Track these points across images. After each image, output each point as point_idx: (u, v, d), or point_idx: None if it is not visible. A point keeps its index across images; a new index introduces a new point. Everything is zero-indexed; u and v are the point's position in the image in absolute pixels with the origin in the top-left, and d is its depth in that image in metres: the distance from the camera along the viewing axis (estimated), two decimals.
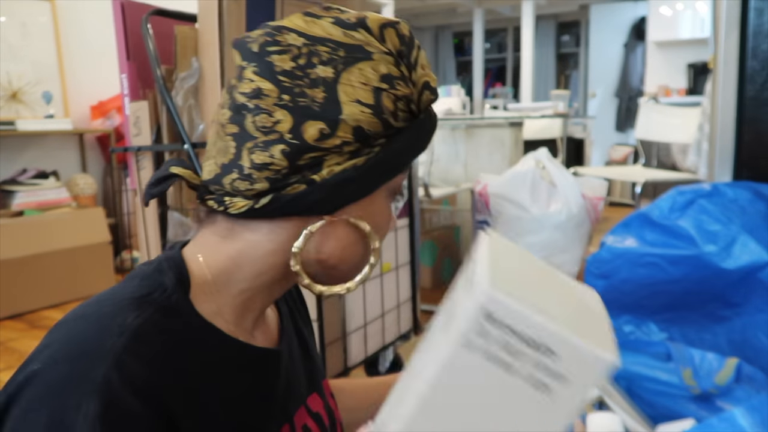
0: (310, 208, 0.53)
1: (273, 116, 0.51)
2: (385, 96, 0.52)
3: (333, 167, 0.52)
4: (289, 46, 0.52)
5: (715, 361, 1.07)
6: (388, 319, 1.83)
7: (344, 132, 0.51)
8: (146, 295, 0.51)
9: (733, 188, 1.32)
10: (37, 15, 3.49)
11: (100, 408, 0.42)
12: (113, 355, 0.44)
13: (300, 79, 0.51)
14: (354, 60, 0.51)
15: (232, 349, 0.55)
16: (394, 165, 0.55)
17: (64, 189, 3.42)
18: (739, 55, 1.43)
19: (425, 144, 0.58)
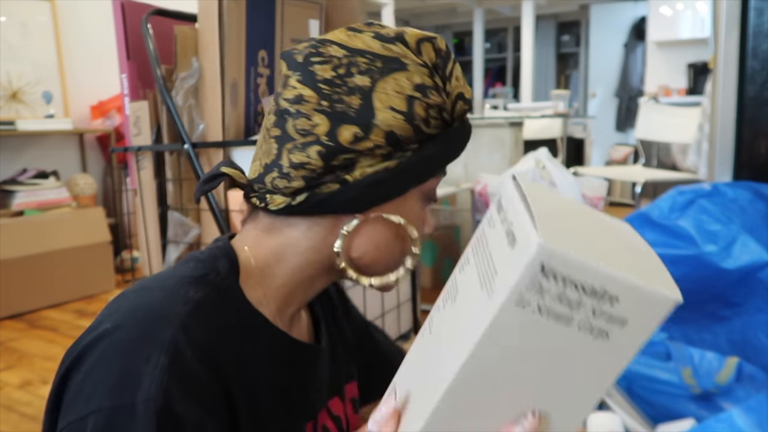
0: (343, 207, 0.56)
1: (312, 120, 0.55)
2: (417, 104, 0.55)
3: (365, 169, 0.56)
4: (330, 57, 0.56)
5: (716, 361, 1.07)
6: (388, 319, 1.83)
7: (377, 136, 0.55)
8: (203, 275, 0.55)
9: (733, 188, 1.32)
10: (37, 15, 3.49)
11: (167, 362, 0.46)
12: (179, 320, 0.49)
13: (339, 87, 0.55)
14: (390, 70, 0.55)
15: (277, 338, 0.58)
16: (425, 169, 0.58)
17: (64, 189, 3.42)
18: (739, 55, 1.43)
19: (458, 151, 0.61)
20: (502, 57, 9.36)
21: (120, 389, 0.45)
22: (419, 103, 0.55)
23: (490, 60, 9.16)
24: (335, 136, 0.54)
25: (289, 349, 0.60)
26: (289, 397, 0.59)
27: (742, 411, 0.70)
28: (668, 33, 6.07)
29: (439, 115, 0.57)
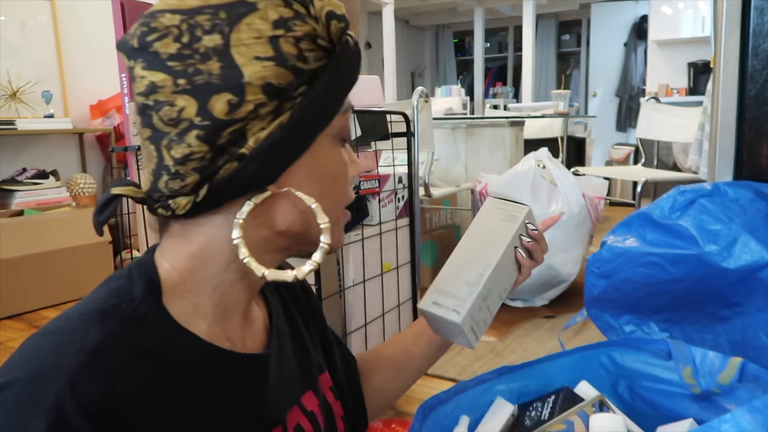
0: (250, 184, 0.50)
1: (175, 105, 0.48)
2: (282, 42, 0.48)
3: (258, 134, 0.49)
4: (167, 28, 0.48)
5: (718, 360, 1.06)
6: (388, 319, 1.83)
7: (253, 94, 0.48)
8: (113, 306, 0.49)
9: (734, 188, 1.32)
10: (37, 14, 3.49)
11: (45, 428, 0.41)
12: (67, 375, 0.43)
13: (190, 57, 0.48)
14: (238, 17, 0.48)
15: (211, 355, 0.53)
16: (323, 109, 0.52)
17: (64, 188, 3.42)
18: (740, 54, 1.43)
19: (352, 76, 0.54)
20: (502, 56, 9.36)
21: None
22: (284, 40, 0.48)
23: (491, 59, 9.16)
24: (208, 112, 0.48)
25: (228, 363, 0.54)
26: (231, 414, 0.54)
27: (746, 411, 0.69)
28: (669, 32, 6.07)
29: (314, 44, 0.50)
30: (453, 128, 3.50)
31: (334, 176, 0.55)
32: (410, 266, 1.94)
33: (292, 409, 0.61)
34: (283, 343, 0.64)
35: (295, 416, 0.62)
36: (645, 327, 1.39)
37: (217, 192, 0.50)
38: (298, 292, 0.74)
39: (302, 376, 0.66)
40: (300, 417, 0.62)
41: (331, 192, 0.56)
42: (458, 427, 0.96)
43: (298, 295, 0.73)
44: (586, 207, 2.74)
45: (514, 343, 2.33)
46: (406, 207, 1.92)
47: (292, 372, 0.64)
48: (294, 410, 0.62)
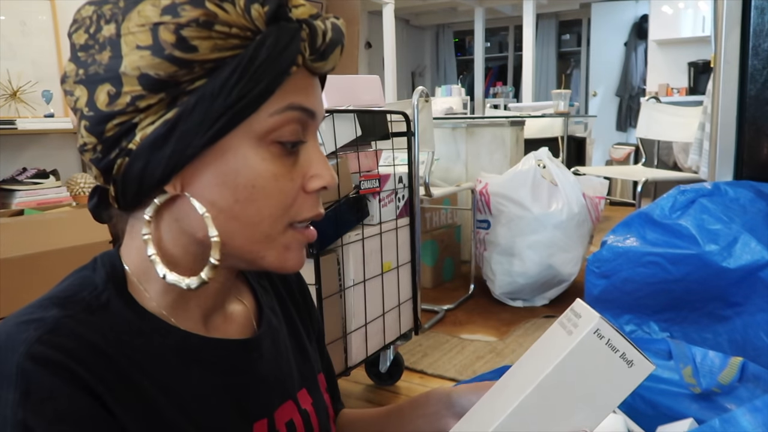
0: (141, 182, 0.47)
1: (74, 95, 0.47)
2: (162, 29, 0.44)
3: (146, 129, 0.46)
4: (83, 19, 0.47)
5: (718, 360, 1.06)
6: (388, 319, 1.83)
7: (130, 86, 0.45)
8: (73, 294, 0.49)
9: (734, 187, 1.32)
10: (37, 13, 3.49)
11: (18, 395, 0.40)
12: (25, 345, 0.42)
13: (92, 48, 0.46)
14: (133, 4, 0.45)
15: (180, 340, 0.51)
16: (223, 105, 0.45)
17: (64, 188, 3.42)
18: (741, 54, 1.43)
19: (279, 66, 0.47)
20: (502, 56, 9.35)
21: None
22: (165, 27, 0.44)
23: (491, 59, 9.15)
24: (93, 102, 0.46)
25: (199, 349, 0.53)
26: (204, 400, 0.52)
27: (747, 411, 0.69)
28: (669, 32, 6.07)
29: (211, 31, 0.44)
30: (453, 128, 3.50)
31: (252, 185, 0.48)
32: (410, 266, 1.94)
33: (284, 404, 0.60)
34: (276, 337, 0.62)
35: (288, 412, 0.60)
36: (645, 326, 1.39)
37: (121, 188, 0.48)
38: (295, 290, 0.72)
39: (299, 373, 0.64)
40: (294, 413, 0.60)
41: (250, 202, 0.48)
42: None
43: (295, 294, 0.71)
44: (586, 207, 2.74)
45: (514, 343, 2.33)
46: (407, 207, 1.92)
47: (286, 366, 0.62)
48: (287, 405, 0.60)
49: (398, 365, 1.99)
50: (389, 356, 1.95)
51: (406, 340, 1.96)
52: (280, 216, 0.50)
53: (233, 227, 0.49)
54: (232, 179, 0.48)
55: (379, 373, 1.98)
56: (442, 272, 3.22)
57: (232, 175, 0.48)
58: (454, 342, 2.37)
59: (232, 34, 0.45)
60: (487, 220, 2.83)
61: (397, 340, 1.91)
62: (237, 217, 0.49)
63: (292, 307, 0.70)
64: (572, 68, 8.80)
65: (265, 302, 0.64)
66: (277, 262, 0.52)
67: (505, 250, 2.74)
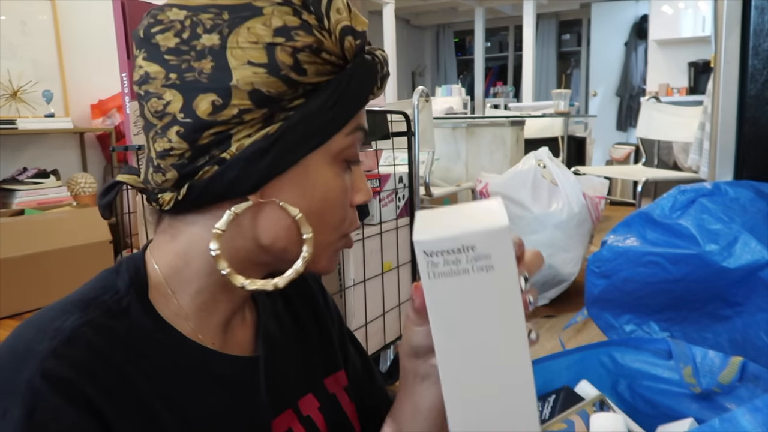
0: (229, 190, 0.49)
1: (163, 98, 0.48)
2: (279, 50, 0.46)
3: (243, 141, 0.48)
4: (171, 22, 0.48)
5: (718, 360, 1.06)
6: (388, 319, 1.83)
7: (239, 99, 0.46)
8: (95, 297, 0.49)
9: (734, 187, 1.32)
10: (37, 13, 3.49)
11: (23, 413, 0.41)
12: (40, 359, 0.43)
13: (186, 53, 0.47)
14: (241, 20, 0.47)
15: (194, 354, 0.52)
16: (319, 125, 0.49)
17: (65, 188, 3.42)
18: (741, 54, 1.43)
19: (362, 95, 0.52)
20: (503, 56, 9.36)
21: None
22: (281, 48, 0.46)
23: (491, 59, 9.16)
24: (192, 110, 0.47)
25: (210, 363, 0.53)
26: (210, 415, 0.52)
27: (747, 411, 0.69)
28: (669, 32, 6.07)
29: (318, 57, 0.48)
30: (453, 128, 3.50)
31: (325, 197, 0.52)
32: (411, 266, 1.94)
33: (282, 414, 0.60)
34: (273, 346, 0.62)
35: (286, 421, 0.60)
36: (645, 326, 1.39)
37: (197, 193, 0.49)
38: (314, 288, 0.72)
39: (302, 378, 0.64)
40: (293, 422, 0.60)
41: (321, 213, 0.52)
42: None
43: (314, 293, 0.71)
44: (586, 206, 2.74)
45: None
46: (407, 206, 1.92)
47: (285, 376, 0.62)
48: (285, 415, 0.60)
49: (398, 365, 1.99)
50: (389, 356, 1.95)
51: None
52: (339, 226, 0.55)
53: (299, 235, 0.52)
54: (310, 191, 0.51)
55: (380, 372, 1.98)
56: None
57: (311, 187, 0.51)
58: None
59: (330, 61, 0.49)
60: None
61: (398, 339, 1.91)
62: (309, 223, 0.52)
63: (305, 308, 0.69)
64: (572, 68, 8.80)
65: (266, 309, 0.64)
66: (324, 267, 0.56)
67: None
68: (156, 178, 0.50)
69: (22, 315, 2.90)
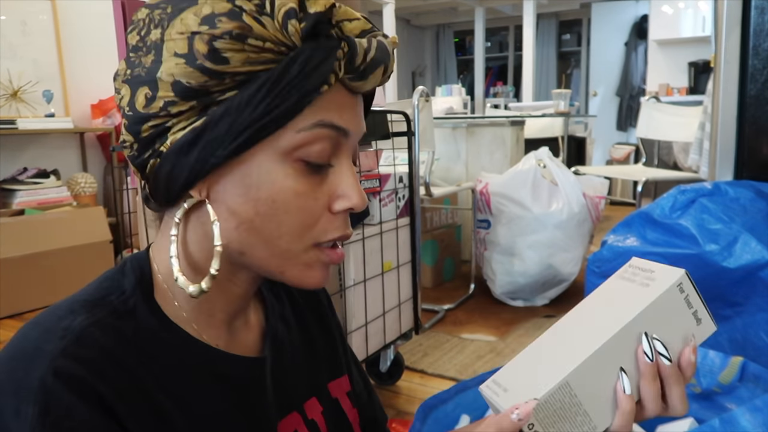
0: (169, 184, 0.48)
1: (120, 93, 0.49)
2: (197, 39, 0.44)
3: (177, 134, 0.47)
4: (138, 21, 0.49)
5: (718, 360, 1.06)
6: (389, 318, 1.83)
7: (164, 91, 0.46)
8: (101, 298, 0.49)
9: (734, 187, 1.32)
10: (38, 13, 3.49)
11: (37, 411, 0.41)
12: (51, 359, 0.43)
13: (140, 50, 0.47)
14: (178, 11, 0.46)
15: (199, 353, 0.52)
16: (250, 119, 0.46)
17: (65, 188, 3.42)
18: (741, 54, 1.43)
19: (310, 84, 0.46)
20: (503, 56, 9.35)
21: None
22: (200, 37, 0.44)
23: (491, 59, 9.15)
24: (133, 103, 0.47)
25: (216, 363, 0.53)
26: (217, 415, 0.52)
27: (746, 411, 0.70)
28: (669, 32, 6.07)
29: (243, 44, 0.44)
30: (453, 128, 3.50)
31: (272, 199, 0.48)
32: (411, 266, 1.94)
33: (288, 416, 0.59)
34: (280, 348, 0.61)
35: (292, 424, 0.59)
36: None
37: (153, 186, 0.49)
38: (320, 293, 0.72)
39: (307, 381, 0.64)
40: (299, 425, 0.60)
41: (271, 217, 0.48)
42: (459, 426, 0.96)
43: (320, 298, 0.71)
44: (586, 206, 2.74)
45: (514, 342, 2.33)
46: (407, 206, 1.92)
47: (293, 378, 0.62)
48: (291, 417, 0.60)
49: (399, 365, 1.99)
50: (390, 356, 1.95)
51: (406, 340, 1.96)
52: (301, 234, 0.50)
53: (254, 239, 0.49)
54: (254, 192, 0.48)
55: (380, 372, 1.98)
56: (442, 272, 3.22)
57: (254, 188, 0.48)
58: (454, 342, 2.38)
59: (265, 48, 0.45)
60: (487, 220, 2.83)
61: (398, 339, 1.91)
62: (257, 229, 0.49)
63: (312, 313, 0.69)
64: (572, 68, 8.80)
65: (274, 311, 0.64)
66: (297, 279, 0.52)
67: (505, 250, 2.74)
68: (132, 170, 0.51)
69: (22, 315, 2.90)
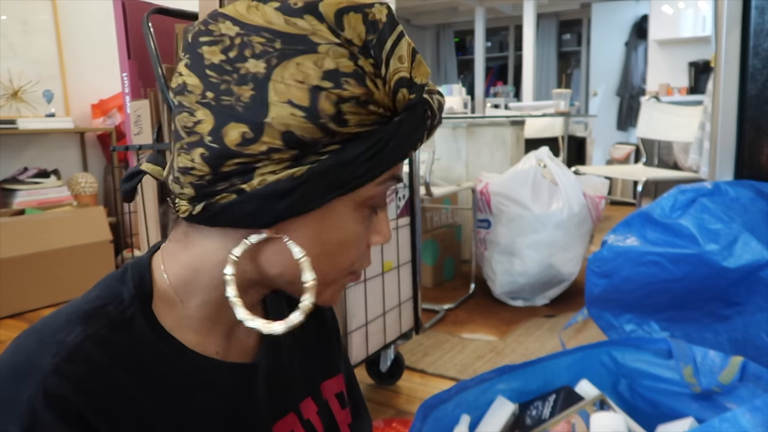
0: (243, 221, 0.47)
1: (194, 115, 0.46)
2: (323, 97, 0.44)
3: (266, 176, 0.45)
4: (221, 36, 0.45)
5: (719, 359, 1.06)
6: (389, 318, 1.83)
7: (270, 137, 0.44)
8: (100, 307, 0.49)
9: (734, 187, 1.32)
10: (38, 13, 3.49)
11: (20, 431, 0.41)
12: (41, 377, 0.43)
13: (228, 74, 0.45)
14: (293, 53, 0.44)
15: (194, 364, 0.52)
16: (351, 175, 0.46)
17: (65, 188, 3.42)
18: (741, 54, 1.43)
19: (404, 148, 0.48)
20: (503, 56, 9.35)
21: None
22: (326, 95, 0.43)
23: (492, 59, 9.15)
24: (220, 136, 0.44)
25: (211, 373, 0.53)
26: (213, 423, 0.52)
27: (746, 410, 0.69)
28: (670, 31, 6.07)
29: (363, 108, 0.45)
30: (454, 127, 3.50)
31: (341, 242, 0.50)
32: (411, 265, 1.94)
33: (284, 418, 0.60)
34: (277, 351, 0.62)
35: (289, 425, 0.60)
36: (646, 326, 1.39)
37: (211, 214, 0.48)
38: None
39: (303, 382, 0.64)
40: (295, 425, 0.61)
41: (333, 255, 0.51)
42: (459, 426, 0.96)
43: None
44: (586, 206, 2.74)
45: (514, 342, 2.33)
46: (407, 206, 1.92)
47: (288, 380, 0.62)
48: (287, 418, 0.60)
49: (399, 364, 1.99)
50: (390, 355, 1.95)
51: (406, 340, 1.96)
52: (350, 266, 0.53)
53: None
54: (326, 235, 0.49)
55: (380, 372, 1.98)
56: (442, 272, 3.22)
57: (327, 231, 0.49)
58: (454, 341, 2.38)
59: (376, 112, 0.46)
60: (487, 220, 2.84)
61: (398, 339, 1.91)
62: (316, 264, 0.50)
63: None
64: (573, 68, 8.80)
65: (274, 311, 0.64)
66: (328, 302, 0.55)
67: (505, 250, 2.74)
68: (174, 188, 0.49)
69: (22, 315, 2.90)
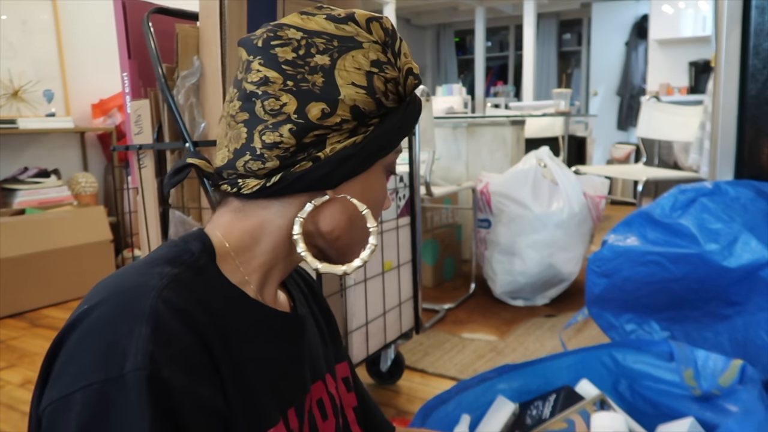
0: (315, 184, 0.59)
1: (280, 100, 0.58)
2: (376, 78, 0.59)
3: (335, 145, 0.59)
4: (289, 39, 0.59)
5: (719, 362, 1.06)
6: (389, 318, 1.83)
7: (343, 111, 0.58)
8: (176, 256, 0.57)
9: (734, 187, 1.32)
10: (39, 13, 3.49)
11: (149, 330, 0.47)
12: (158, 290, 0.50)
13: (301, 67, 0.58)
14: (347, 48, 0.59)
15: (260, 312, 0.60)
16: (387, 142, 0.62)
17: (66, 187, 3.42)
18: (741, 54, 1.43)
19: (413, 124, 0.65)
20: (503, 55, 9.35)
21: (106, 363, 0.46)
22: (377, 77, 0.59)
23: (492, 58, 9.15)
24: (305, 113, 0.57)
25: (276, 322, 0.62)
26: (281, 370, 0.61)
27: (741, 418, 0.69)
28: (670, 31, 6.07)
29: (395, 89, 0.61)
30: (454, 127, 3.50)
31: (376, 199, 0.64)
32: (411, 265, 1.94)
33: (316, 384, 0.68)
34: (308, 321, 0.70)
35: (319, 391, 0.69)
36: (646, 326, 1.39)
37: (287, 183, 0.59)
38: (316, 288, 0.80)
39: (324, 359, 0.73)
40: (323, 393, 0.69)
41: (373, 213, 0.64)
42: (459, 425, 0.96)
43: (315, 290, 0.80)
44: (587, 206, 2.74)
45: (515, 342, 2.33)
46: (408, 206, 1.92)
47: (317, 351, 0.71)
48: (318, 385, 0.69)
49: (399, 364, 1.99)
50: (390, 355, 1.95)
51: (407, 339, 1.96)
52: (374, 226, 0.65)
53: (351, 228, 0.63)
54: (368, 194, 0.63)
55: (380, 372, 1.98)
56: (442, 271, 3.22)
57: (368, 191, 0.63)
58: (454, 341, 2.38)
59: (399, 93, 0.62)
60: (487, 220, 2.83)
61: (398, 339, 1.91)
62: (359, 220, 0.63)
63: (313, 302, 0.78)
64: (573, 67, 8.79)
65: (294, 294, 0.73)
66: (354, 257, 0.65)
67: (505, 250, 2.74)
68: (252, 166, 0.59)
69: (22, 315, 2.90)
